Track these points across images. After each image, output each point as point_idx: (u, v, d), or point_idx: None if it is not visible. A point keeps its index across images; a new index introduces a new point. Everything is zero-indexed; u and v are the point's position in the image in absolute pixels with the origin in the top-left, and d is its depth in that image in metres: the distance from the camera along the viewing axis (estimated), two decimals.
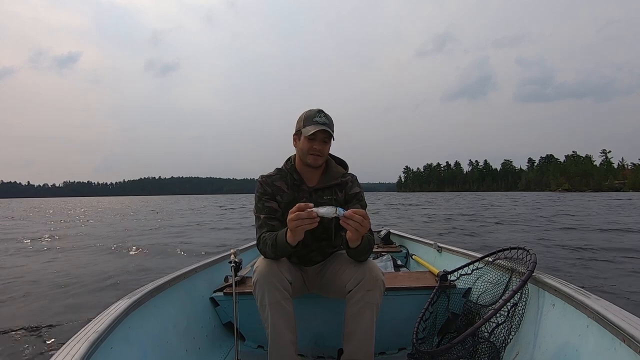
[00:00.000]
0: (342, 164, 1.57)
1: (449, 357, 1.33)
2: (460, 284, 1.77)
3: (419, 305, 1.67)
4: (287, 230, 1.24)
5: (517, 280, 1.37)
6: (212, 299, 1.77)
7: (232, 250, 1.95)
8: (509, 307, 1.32)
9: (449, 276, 1.77)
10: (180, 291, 1.60)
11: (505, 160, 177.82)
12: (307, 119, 1.38)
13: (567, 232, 8.38)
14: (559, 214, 14.42)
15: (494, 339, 1.33)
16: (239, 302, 1.58)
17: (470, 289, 1.74)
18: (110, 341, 1.04)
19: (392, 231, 3.35)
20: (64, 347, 0.91)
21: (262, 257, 1.38)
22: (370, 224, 1.23)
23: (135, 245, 7.11)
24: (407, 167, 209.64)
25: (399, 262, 2.77)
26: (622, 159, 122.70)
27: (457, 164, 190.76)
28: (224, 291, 1.73)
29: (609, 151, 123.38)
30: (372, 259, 1.56)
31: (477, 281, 1.71)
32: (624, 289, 3.50)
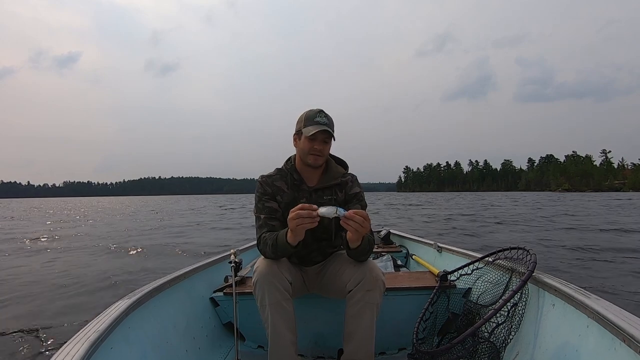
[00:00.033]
0: (342, 164, 1.57)
1: (449, 357, 1.33)
2: (460, 284, 1.77)
3: (419, 305, 1.67)
4: (288, 230, 1.24)
5: (517, 280, 1.37)
6: (212, 299, 1.77)
7: (232, 250, 1.95)
8: (509, 307, 1.32)
9: (449, 276, 1.77)
10: (180, 291, 1.60)
11: (505, 160, 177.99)
12: (308, 119, 1.38)
13: (567, 232, 8.38)
14: (559, 214, 14.42)
15: (494, 339, 1.33)
16: (239, 302, 1.58)
17: (470, 289, 1.74)
18: (110, 341, 1.04)
19: (392, 231, 3.35)
20: (64, 347, 0.91)
21: (262, 257, 1.38)
22: (370, 225, 1.23)
23: (135, 245, 7.10)
24: (407, 167, 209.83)
25: (399, 262, 2.77)
26: (622, 159, 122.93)
27: (457, 164, 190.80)
28: (224, 291, 1.73)
29: (609, 151, 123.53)
30: (372, 259, 1.56)
31: (477, 281, 1.72)
32: (624, 289, 3.49)
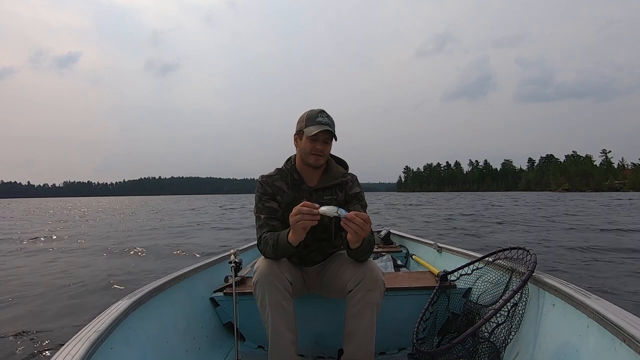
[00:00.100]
0: (343, 164, 1.57)
1: (449, 357, 1.33)
2: (460, 284, 1.77)
3: (419, 305, 1.67)
4: (289, 230, 1.24)
5: (517, 280, 1.37)
6: (212, 299, 1.77)
7: (232, 250, 1.95)
8: (509, 307, 1.32)
9: (449, 276, 1.77)
10: (180, 291, 1.60)
11: (505, 160, 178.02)
12: (309, 119, 1.38)
13: (567, 232, 8.38)
14: (559, 214, 14.42)
15: (494, 339, 1.33)
16: (239, 302, 1.58)
17: (470, 289, 1.73)
18: (110, 341, 1.04)
19: (392, 231, 3.35)
20: (64, 348, 0.91)
21: (262, 257, 1.38)
22: (371, 228, 1.23)
23: (135, 245, 7.10)
24: (407, 167, 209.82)
25: (399, 262, 2.77)
26: (622, 159, 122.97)
27: (457, 164, 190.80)
28: (224, 291, 1.73)
29: (609, 151, 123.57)
30: (372, 259, 1.56)
31: (477, 281, 1.71)
32: (624, 289, 3.49)
